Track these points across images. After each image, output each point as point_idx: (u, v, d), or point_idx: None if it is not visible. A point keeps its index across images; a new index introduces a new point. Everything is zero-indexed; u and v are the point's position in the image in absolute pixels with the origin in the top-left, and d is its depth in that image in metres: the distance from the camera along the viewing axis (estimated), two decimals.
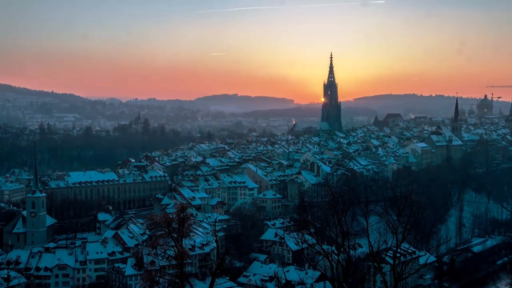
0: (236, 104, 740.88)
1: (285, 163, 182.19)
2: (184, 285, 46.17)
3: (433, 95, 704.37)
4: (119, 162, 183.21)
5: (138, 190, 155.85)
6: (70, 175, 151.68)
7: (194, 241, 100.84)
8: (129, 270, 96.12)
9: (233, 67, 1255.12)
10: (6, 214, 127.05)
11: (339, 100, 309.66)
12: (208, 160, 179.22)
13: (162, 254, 54.22)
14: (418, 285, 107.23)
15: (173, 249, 48.69)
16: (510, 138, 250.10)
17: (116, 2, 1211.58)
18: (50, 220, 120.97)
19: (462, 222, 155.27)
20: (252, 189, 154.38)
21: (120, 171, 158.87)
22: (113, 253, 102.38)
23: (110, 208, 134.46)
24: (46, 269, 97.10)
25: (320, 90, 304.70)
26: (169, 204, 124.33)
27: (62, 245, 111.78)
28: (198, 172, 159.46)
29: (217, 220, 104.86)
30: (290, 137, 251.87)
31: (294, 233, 47.07)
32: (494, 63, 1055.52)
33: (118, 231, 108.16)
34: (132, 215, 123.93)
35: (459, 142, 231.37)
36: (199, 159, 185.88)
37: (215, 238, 55.78)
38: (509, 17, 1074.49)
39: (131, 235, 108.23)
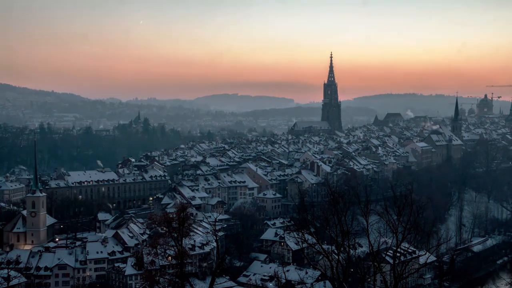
0: (236, 103, 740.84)
1: (285, 162, 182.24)
2: (184, 285, 46.29)
3: (433, 94, 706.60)
4: (119, 162, 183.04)
5: (138, 189, 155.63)
6: (70, 174, 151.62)
7: (194, 241, 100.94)
8: (129, 269, 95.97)
9: (233, 67, 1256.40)
10: (6, 214, 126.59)
11: (339, 100, 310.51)
12: (208, 160, 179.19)
13: (162, 253, 54.39)
14: (418, 285, 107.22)
15: (173, 249, 48.81)
16: (510, 137, 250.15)
17: (116, 2, 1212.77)
18: (50, 220, 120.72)
19: (462, 222, 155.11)
20: (252, 188, 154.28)
21: (120, 170, 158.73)
22: (113, 252, 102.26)
23: (110, 207, 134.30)
24: (46, 268, 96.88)
25: (320, 89, 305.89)
26: (169, 204, 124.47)
27: (62, 244, 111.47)
28: (198, 172, 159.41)
29: (217, 220, 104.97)
30: (290, 136, 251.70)
31: (294, 233, 47.04)
32: (494, 63, 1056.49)
33: (118, 231, 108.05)
34: (132, 215, 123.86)
35: (459, 142, 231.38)
36: (199, 158, 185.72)
37: (215, 238, 56.01)
38: (509, 17, 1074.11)
39: (131, 234, 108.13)
